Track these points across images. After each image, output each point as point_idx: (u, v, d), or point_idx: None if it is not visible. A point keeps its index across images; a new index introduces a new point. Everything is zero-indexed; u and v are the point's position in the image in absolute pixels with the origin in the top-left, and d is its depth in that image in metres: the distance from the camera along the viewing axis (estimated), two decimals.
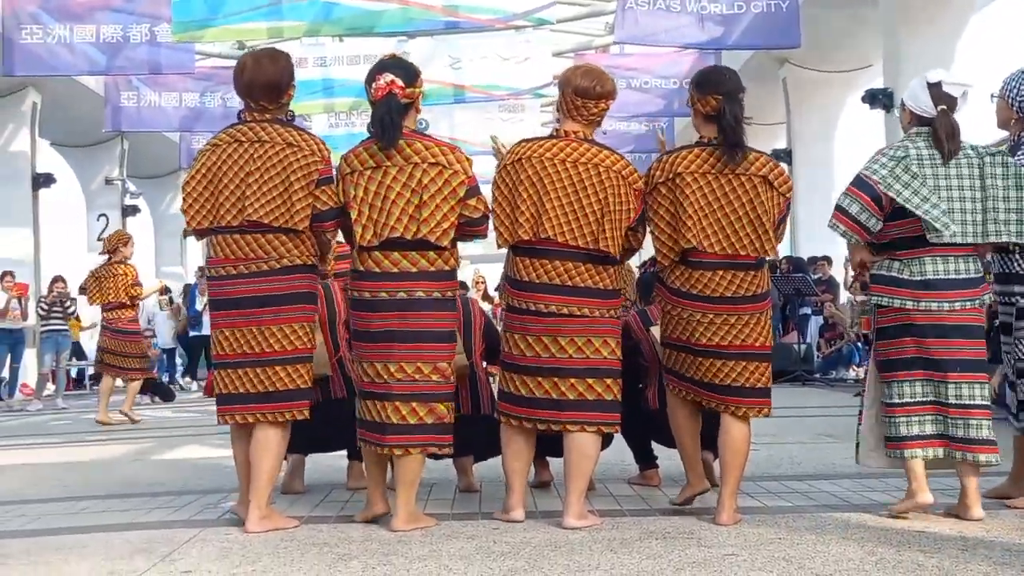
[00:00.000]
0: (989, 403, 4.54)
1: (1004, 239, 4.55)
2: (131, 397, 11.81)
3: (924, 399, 4.51)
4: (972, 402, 4.48)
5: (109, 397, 11.74)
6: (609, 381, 4.56)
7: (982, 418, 4.47)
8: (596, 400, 4.53)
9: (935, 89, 4.60)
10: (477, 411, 5.35)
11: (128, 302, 11.57)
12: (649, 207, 4.67)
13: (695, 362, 4.64)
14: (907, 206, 4.45)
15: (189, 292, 18.93)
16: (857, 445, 4.79)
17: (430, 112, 15.11)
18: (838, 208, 4.58)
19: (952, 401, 4.47)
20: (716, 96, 4.56)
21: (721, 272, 4.54)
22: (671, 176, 4.58)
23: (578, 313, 4.51)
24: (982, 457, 4.44)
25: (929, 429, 4.50)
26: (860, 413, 4.79)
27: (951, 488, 4.69)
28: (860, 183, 4.55)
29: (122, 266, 11.54)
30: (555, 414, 4.54)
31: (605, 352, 4.55)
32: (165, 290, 17.27)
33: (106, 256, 11.66)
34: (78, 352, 19.10)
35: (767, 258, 4.64)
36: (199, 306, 17.61)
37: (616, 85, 4.80)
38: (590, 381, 4.52)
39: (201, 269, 18.19)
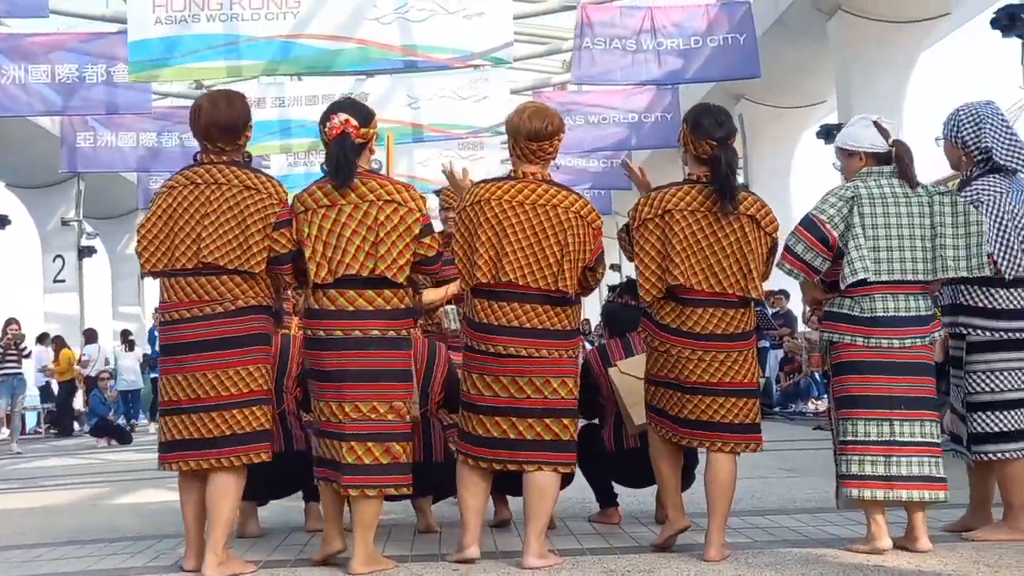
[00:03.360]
0: (937, 440, 4.56)
1: (951, 275, 4.59)
2: None
3: (877, 439, 4.50)
4: (918, 440, 4.48)
5: None
6: (566, 421, 4.54)
7: (929, 455, 4.49)
8: (553, 440, 4.50)
9: (879, 126, 4.69)
10: (429, 459, 5.24)
11: None
12: (636, 242, 4.67)
13: (683, 399, 4.60)
14: (844, 248, 4.50)
15: (149, 334, 18.81)
16: (837, 490, 4.70)
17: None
18: (785, 248, 4.63)
19: (899, 439, 4.48)
20: (711, 142, 4.59)
21: (711, 310, 4.56)
22: (660, 213, 4.60)
23: (537, 355, 4.49)
24: (928, 494, 4.44)
25: (881, 469, 4.48)
26: (835, 454, 4.70)
27: (904, 520, 4.68)
28: (807, 223, 4.61)
29: None
30: (513, 454, 4.50)
31: (563, 392, 4.53)
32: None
33: None
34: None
35: (752, 297, 4.61)
36: (158, 348, 17.47)
37: (562, 119, 4.78)
38: (547, 421, 4.50)
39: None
